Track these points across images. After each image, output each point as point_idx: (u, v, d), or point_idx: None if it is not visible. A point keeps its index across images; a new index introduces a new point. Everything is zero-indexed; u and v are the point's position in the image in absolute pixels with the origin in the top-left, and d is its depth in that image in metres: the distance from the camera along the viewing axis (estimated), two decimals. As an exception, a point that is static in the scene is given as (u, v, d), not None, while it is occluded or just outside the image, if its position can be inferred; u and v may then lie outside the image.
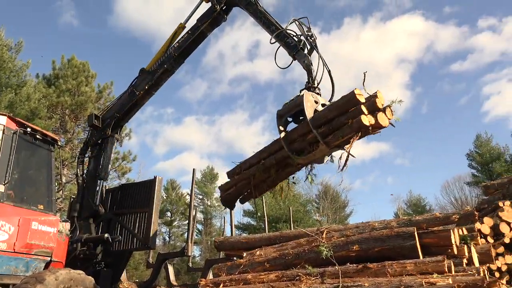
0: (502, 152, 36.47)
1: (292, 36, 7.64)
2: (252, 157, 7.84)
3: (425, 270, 4.68)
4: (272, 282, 5.26)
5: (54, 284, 5.78)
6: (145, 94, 9.03)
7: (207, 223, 44.48)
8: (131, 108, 9.16)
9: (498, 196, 11.24)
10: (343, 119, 6.46)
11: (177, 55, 8.78)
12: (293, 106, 7.02)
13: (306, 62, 7.42)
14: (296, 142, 7.02)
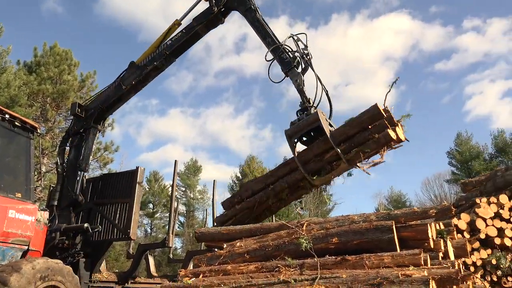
0: (481, 151, 37.33)
1: (288, 52, 7.52)
2: (256, 183, 7.69)
3: (402, 263, 4.76)
4: (251, 273, 5.28)
5: (31, 273, 5.70)
6: (132, 89, 8.89)
7: (190, 215, 44.39)
8: (116, 101, 9.03)
9: (476, 193, 11.50)
10: (366, 134, 6.53)
11: (169, 53, 8.59)
12: (306, 124, 6.89)
13: (298, 81, 7.28)
14: (312, 162, 6.95)
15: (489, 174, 12.31)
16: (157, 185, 44.74)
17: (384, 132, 6.37)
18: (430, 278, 4.03)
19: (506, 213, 9.55)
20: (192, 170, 46.81)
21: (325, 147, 6.74)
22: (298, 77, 7.29)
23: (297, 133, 6.95)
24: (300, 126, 6.91)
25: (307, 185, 7.22)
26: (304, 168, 6.79)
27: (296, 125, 6.96)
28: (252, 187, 7.65)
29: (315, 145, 6.94)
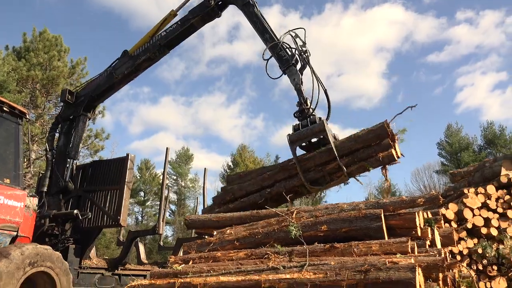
0: (471, 142, 37.71)
1: (285, 49, 7.42)
2: (250, 184, 7.63)
3: (389, 251, 4.82)
4: (241, 260, 5.32)
5: (20, 259, 5.69)
6: (124, 78, 8.80)
7: (181, 203, 44.42)
8: (107, 90, 8.94)
9: (464, 184, 11.65)
10: (370, 151, 6.65)
11: (163, 45, 8.47)
12: (310, 133, 6.88)
13: (296, 80, 7.21)
14: (312, 171, 6.99)
15: (478, 165, 12.45)
16: (148, 173, 44.65)
17: (388, 152, 6.58)
18: (417, 266, 4.09)
19: (493, 203, 9.68)
20: (184, 158, 46.73)
21: (328, 158, 6.81)
22: (296, 76, 7.21)
23: (300, 140, 6.96)
24: (304, 134, 6.90)
25: (304, 191, 7.27)
26: (305, 176, 6.83)
27: (300, 132, 6.93)
28: (246, 188, 7.62)
29: (318, 155, 6.96)
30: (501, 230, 9.45)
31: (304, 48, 7.39)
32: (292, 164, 7.11)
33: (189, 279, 4.93)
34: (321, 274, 4.35)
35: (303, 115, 7.17)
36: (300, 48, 7.39)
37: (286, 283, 4.39)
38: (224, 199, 7.74)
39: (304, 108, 7.13)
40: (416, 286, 3.88)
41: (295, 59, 7.33)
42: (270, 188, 7.21)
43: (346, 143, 6.85)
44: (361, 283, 4.10)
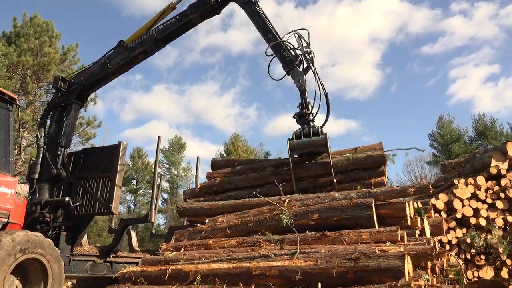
0: (462, 134, 38.05)
1: (289, 49, 7.31)
2: (240, 180, 7.65)
3: (379, 239, 4.89)
4: (232, 247, 5.36)
5: (11, 245, 5.68)
6: (118, 69, 8.69)
7: (173, 192, 44.43)
8: (101, 79, 8.84)
9: (454, 174, 11.77)
10: (363, 174, 6.93)
11: (159, 38, 8.33)
12: (311, 145, 6.87)
13: (300, 82, 7.11)
14: (305, 181, 7.11)
15: (468, 156, 12.57)
16: (140, 162, 44.54)
17: (381, 179, 6.94)
18: (406, 254, 4.15)
19: (482, 194, 9.80)
20: (176, 147, 46.63)
21: (322, 172, 6.94)
22: (301, 77, 7.12)
23: (300, 149, 6.98)
24: (305, 144, 6.89)
25: None
26: (297, 185, 6.93)
27: (302, 142, 6.90)
28: (236, 183, 7.64)
29: (313, 167, 7.09)
30: (490, 220, 9.58)
31: (308, 49, 7.29)
32: (286, 170, 7.17)
33: (181, 266, 4.96)
34: (312, 261, 4.40)
35: (302, 119, 7.12)
36: (304, 49, 7.29)
37: (277, 270, 4.44)
38: (212, 189, 7.76)
39: (304, 113, 7.08)
40: (404, 274, 3.94)
41: (299, 60, 7.25)
42: (260, 188, 7.24)
43: (344, 162, 7.03)
44: (351, 270, 4.16)
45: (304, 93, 7.11)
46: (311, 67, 7.25)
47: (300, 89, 7.14)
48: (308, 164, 7.16)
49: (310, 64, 7.25)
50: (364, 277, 4.05)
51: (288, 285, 4.31)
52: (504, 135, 34.25)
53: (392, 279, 3.89)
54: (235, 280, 4.54)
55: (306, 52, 7.29)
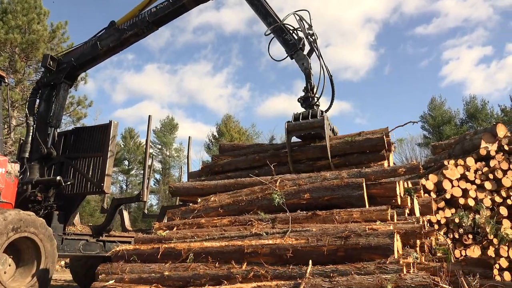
0: (453, 116, 38.31)
1: (291, 32, 7.13)
2: (240, 161, 7.58)
3: (370, 218, 4.95)
4: (225, 226, 5.40)
5: (3, 224, 5.68)
6: (108, 51, 8.53)
7: (165, 173, 44.47)
8: (91, 60, 8.69)
9: (444, 156, 11.89)
10: (362, 158, 6.68)
11: (151, 22, 8.12)
12: (309, 127, 6.77)
13: (305, 65, 6.99)
14: (303, 163, 6.98)
15: (458, 138, 12.69)
16: (132, 142, 44.37)
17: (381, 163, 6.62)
18: (395, 232, 4.21)
19: (471, 175, 9.94)
20: (168, 128, 46.45)
21: (320, 155, 6.81)
22: (305, 61, 7.01)
23: (297, 131, 6.88)
24: (302, 126, 6.81)
25: None
26: (294, 167, 6.84)
27: (299, 123, 6.83)
28: (236, 164, 7.62)
29: (311, 150, 6.98)
30: (478, 201, 9.75)
31: (310, 31, 7.15)
32: (284, 152, 7.10)
33: (173, 245, 5.00)
34: (303, 240, 4.46)
35: (306, 103, 7.04)
36: (306, 31, 7.16)
37: (268, 248, 4.49)
38: (213, 169, 7.75)
39: (309, 96, 6.99)
40: (394, 252, 4.01)
41: (303, 43, 7.11)
42: (259, 169, 7.19)
43: (342, 145, 6.84)
44: (341, 248, 4.22)
45: (309, 77, 7.02)
46: (314, 49, 7.13)
47: (305, 73, 7.04)
48: (306, 147, 7.06)
49: (314, 46, 7.13)
50: (354, 255, 4.12)
51: (279, 262, 4.37)
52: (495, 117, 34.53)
53: (382, 257, 3.96)
54: (227, 257, 4.59)
55: (308, 34, 7.16)
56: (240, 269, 4.37)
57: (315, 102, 7.01)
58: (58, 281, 11.88)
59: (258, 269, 4.26)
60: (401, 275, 3.57)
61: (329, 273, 3.86)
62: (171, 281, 4.48)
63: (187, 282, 4.39)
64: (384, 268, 3.75)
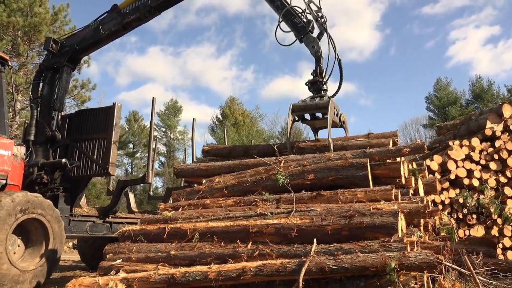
0: (459, 96, 37.95)
1: (300, 15, 6.97)
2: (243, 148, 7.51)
3: (374, 198, 4.97)
4: (229, 207, 5.44)
5: (11, 205, 5.76)
6: (111, 35, 8.45)
7: (170, 155, 44.65)
8: (93, 44, 8.63)
9: (450, 136, 11.85)
10: None
11: (154, 6, 7.99)
12: (313, 107, 6.69)
13: (315, 48, 6.85)
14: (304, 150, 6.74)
15: (464, 118, 12.62)
16: (137, 125, 44.44)
17: None
18: (399, 211, 4.23)
19: (476, 155, 9.92)
20: (172, 110, 46.42)
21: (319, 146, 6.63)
22: (315, 44, 6.87)
23: (301, 111, 6.80)
24: (307, 106, 6.74)
25: None
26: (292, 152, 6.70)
27: (304, 104, 6.76)
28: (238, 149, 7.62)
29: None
30: (483, 181, 9.75)
31: (319, 13, 7.04)
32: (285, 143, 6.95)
33: (179, 225, 5.05)
34: (308, 219, 4.49)
35: (314, 87, 6.96)
36: (315, 14, 7.04)
37: (273, 228, 4.53)
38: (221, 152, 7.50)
39: (317, 81, 6.89)
40: (398, 231, 4.04)
41: (312, 26, 6.99)
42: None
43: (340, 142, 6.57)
44: (345, 227, 4.25)
45: (319, 60, 6.90)
46: (324, 32, 7.01)
47: (315, 56, 6.92)
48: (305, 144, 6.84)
49: (324, 28, 7.01)
50: (358, 234, 4.15)
51: (284, 241, 4.42)
52: (501, 97, 34.21)
53: (386, 235, 3.99)
54: (232, 237, 4.64)
55: (317, 16, 7.05)
56: (246, 248, 4.42)
57: (323, 87, 6.93)
58: (67, 262, 12.09)
59: (263, 248, 4.31)
60: (405, 253, 3.60)
61: (334, 252, 3.90)
62: (178, 260, 4.54)
63: (193, 260, 4.45)
64: (388, 246, 3.79)
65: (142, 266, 4.60)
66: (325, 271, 3.70)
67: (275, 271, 3.87)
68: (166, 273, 4.18)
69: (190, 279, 4.05)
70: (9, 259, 5.65)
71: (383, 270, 3.54)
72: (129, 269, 4.54)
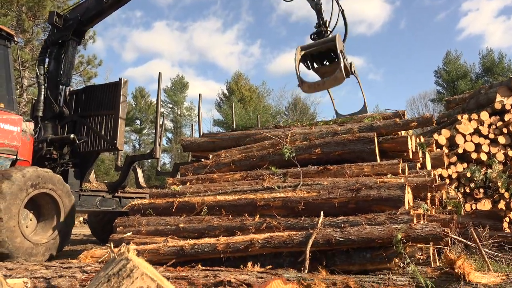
0: (469, 70, 37.30)
1: None
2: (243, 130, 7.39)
3: (381, 172, 4.98)
4: (237, 181, 5.49)
5: (22, 180, 5.84)
6: (114, 3, 8.32)
7: (177, 131, 44.78)
8: (97, 14, 8.50)
9: (458, 111, 11.74)
10: None
11: None
12: (321, 43, 6.63)
13: (315, 0, 6.81)
14: None
15: (473, 91, 12.46)
16: (143, 102, 44.45)
17: None
18: (406, 184, 4.24)
19: (485, 129, 9.85)
20: (179, 86, 46.26)
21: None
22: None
23: (308, 48, 6.74)
24: (313, 44, 6.71)
25: None
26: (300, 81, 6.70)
27: (310, 43, 6.75)
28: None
29: None
30: (491, 155, 9.71)
31: None
32: None
33: (187, 199, 5.12)
34: (314, 193, 4.52)
35: (320, 36, 6.95)
36: None
37: (280, 201, 4.57)
38: None
39: (322, 30, 6.88)
40: (404, 203, 4.05)
41: None
42: None
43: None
44: (352, 200, 4.28)
45: (320, 12, 6.89)
46: None
47: (315, 9, 6.90)
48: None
49: None
50: (365, 207, 4.17)
51: (291, 214, 4.46)
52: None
53: (392, 208, 4.01)
54: (240, 210, 4.70)
55: None
56: (253, 221, 4.48)
57: (329, 35, 6.91)
58: (78, 236, 12.35)
59: (271, 220, 4.36)
60: (411, 225, 3.62)
61: (340, 224, 3.94)
62: (186, 232, 4.62)
63: (201, 233, 4.53)
64: (395, 219, 3.81)
65: (152, 238, 4.69)
66: (332, 243, 3.75)
67: (282, 243, 3.92)
68: (176, 245, 4.26)
69: (199, 251, 4.13)
70: (22, 233, 5.77)
71: (389, 242, 3.57)
72: (139, 241, 4.63)
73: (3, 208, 5.44)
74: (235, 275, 2.99)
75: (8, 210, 5.51)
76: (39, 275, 3.19)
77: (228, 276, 2.93)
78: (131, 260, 1.81)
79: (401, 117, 6.14)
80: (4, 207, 5.46)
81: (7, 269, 3.36)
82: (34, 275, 3.20)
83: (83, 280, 3.06)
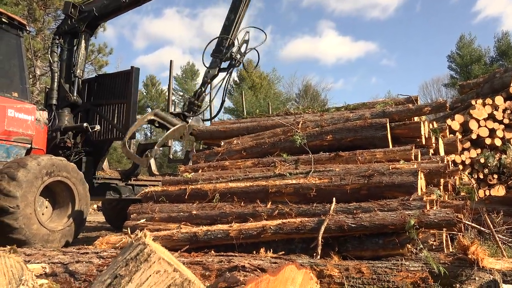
0: (483, 54, 36.58)
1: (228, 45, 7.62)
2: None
3: (393, 158, 4.95)
4: (248, 168, 5.50)
5: (37, 169, 5.93)
6: (132, 3, 8.33)
7: (188, 119, 44.83)
8: (113, 11, 8.53)
9: (472, 95, 11.55)
10: None
11: None
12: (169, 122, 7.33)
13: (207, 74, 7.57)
14: None
15: (488, 76, 12.24)
16: (154, 90, 44.58)
17: None
18: (419, 170, 4.22)
19: (499, 114, 9.70)
20: (190, 74, 46.24)
21: None
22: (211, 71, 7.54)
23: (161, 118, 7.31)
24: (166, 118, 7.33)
25: None
26: None
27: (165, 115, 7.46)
28: None
29: None
30: (505, 141, 9.58)
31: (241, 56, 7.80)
32: None
33: (200, 186, 5.16)
34: (326, 179, 4.52)
35: (189, 106, 7.87)
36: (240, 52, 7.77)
37: (292, 187, 4.58)
38: None
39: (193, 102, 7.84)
40: (417, 189, 4.04)
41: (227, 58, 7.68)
42: None
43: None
44: (364, 187, 4.27)
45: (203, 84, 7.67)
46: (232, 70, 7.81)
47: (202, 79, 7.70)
48: None
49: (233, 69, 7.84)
50: (377, 193, 4.16)
51: (303, 201, 4.47)
52: (528, 54, 32.88)
53: (405, 194, 3.99)
54: (252, 197, 4.72)
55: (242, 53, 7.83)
56: (265, 207, 4.51)
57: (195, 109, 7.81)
58: (92, 223, 12.56)
59: (283, 207, 4.38)
60: (424, 211, 3.61)
61: (353, 210, 3.94)
62: (199, 219, 4.67)
63: (214, 220, 4.57)
64: (408, 205, 3.80)
65: (165, 225, 4.74)
66: (344, 229, 3.76)
67: (294, 229, 3.94)
68: (189, 231, 4.31)
69: (212, 237, 4.18)
70: (38, 220, 5.89)
71: (402, 228, 3.57)
72: (153, 228, 4.69)
73: (19, 195, 5.55)
74: (249, 260, 3.03)
75: (24, 197, 5.62)
76: (57, 260, 3.27)
77: (242, 262, 2.96)
78: (148, 245, 1.84)
79: (414, 102, 6.08)
80: (20, 194, 5.57)
81: (25, 255, 3.44)
82: (52, 260, 3.27)
83: (99, 265, 3.12)
